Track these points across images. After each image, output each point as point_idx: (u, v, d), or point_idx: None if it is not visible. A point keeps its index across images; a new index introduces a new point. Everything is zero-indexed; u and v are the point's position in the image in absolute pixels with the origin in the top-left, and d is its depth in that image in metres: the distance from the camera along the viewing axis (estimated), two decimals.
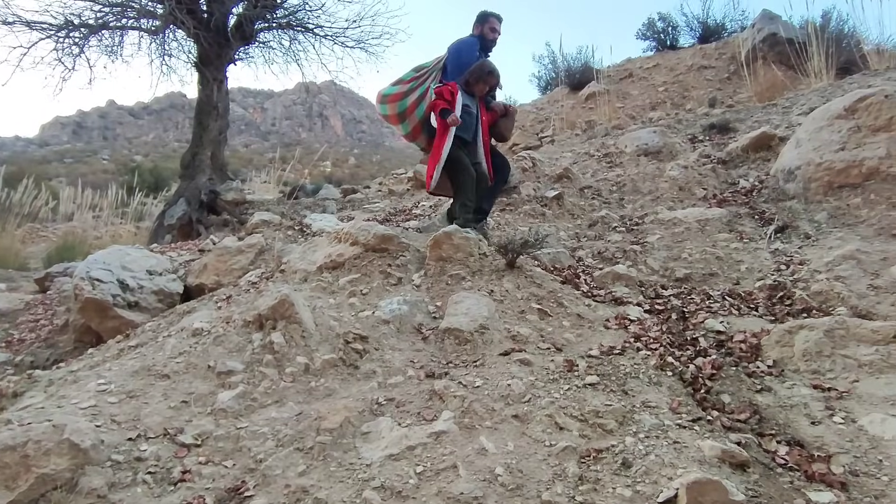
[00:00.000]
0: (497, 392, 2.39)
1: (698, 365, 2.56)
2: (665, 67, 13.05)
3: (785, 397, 2.30)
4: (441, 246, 3.51)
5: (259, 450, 2.20)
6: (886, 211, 3.76)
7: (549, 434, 2.13)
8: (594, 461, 1.97)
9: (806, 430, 2.10)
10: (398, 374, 2.66)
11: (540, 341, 2.90)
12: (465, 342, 2.85)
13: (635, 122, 9.52)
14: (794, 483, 1.85)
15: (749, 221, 4.41)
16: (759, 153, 5.41)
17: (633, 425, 2.13)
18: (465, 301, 3.09)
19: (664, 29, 14.43)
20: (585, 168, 6.04)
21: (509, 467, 1.95)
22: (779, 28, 11.21)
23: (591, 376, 2.45)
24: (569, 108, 12.21)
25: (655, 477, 1.84)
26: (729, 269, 3.88)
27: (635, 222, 4.76)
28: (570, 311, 3.16)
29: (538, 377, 2.48)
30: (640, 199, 5.15)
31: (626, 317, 3.14)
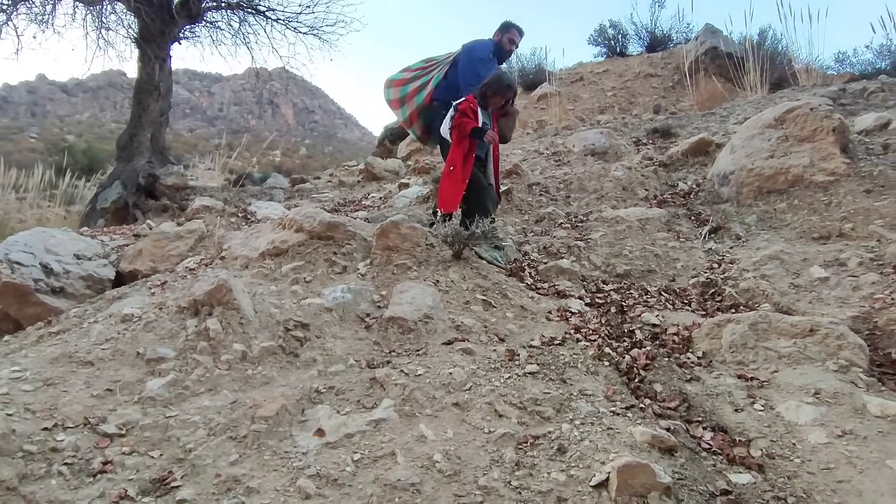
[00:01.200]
0: (438, 380, 2.39)
1: (633, 356, 2.65)
2: (614, 73, 13.45)
3: (712, 386, 2.42)
4: (388, 235, 3.48)
5: (189, 439, 2.11)
6: (808, 216, 4.02)
7: (489, 421, 2.14)
8: (531, 447, 2.00)
9: (729, 417, 2.21)
10: (339, 362, 2.62)
11: (483, 332, 2.92)
12: (408, 331, 2.83)
13: (584, 124, 9.76)
14: (717, 466, 1.94)
15: (686, 222, 4.61)
16: (697, 158, 5.66)
17: (569, 412, 2.18)
18: (411, 290, 3.08)
19: (615, 36, 14.86)
20: (535, 165, 6.14)
21: (447, 454, 1.96)
22: (720, 42, 11.76)
23: (531, 365, 2.49)
24: (521, 107, 12.37)
25: (589, 462, 1.89)
26: (666, 267, 4.03)
27: (580, 219, 4.87)
28: (515, 303, 3.21)
29: (480, 366, 2.50)
30: (586, 198, 5.28)
31: (567, 309, 3.22)
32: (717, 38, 12.07)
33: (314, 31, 9.95)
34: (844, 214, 3.79)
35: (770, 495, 1.79)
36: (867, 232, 3.60)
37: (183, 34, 9.08)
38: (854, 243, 3.54)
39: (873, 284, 3.10)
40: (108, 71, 51.76)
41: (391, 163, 9.97)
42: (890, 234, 3.51)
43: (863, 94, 6.16)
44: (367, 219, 4.75)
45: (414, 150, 12.03)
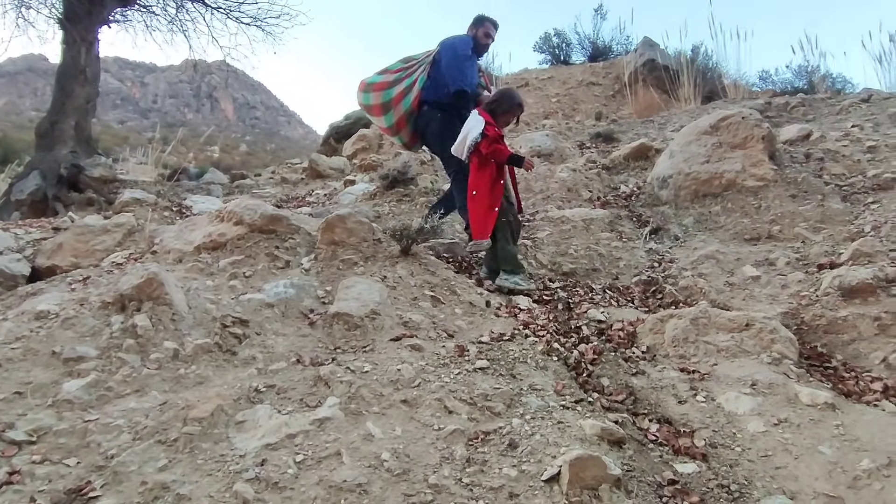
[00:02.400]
0: (386, 377, 2.31)
1: (581, 351, 2.66)
2: (558, 80, 13.77)
3: (656, 380, 2.46)
4: (334, 230, 3.36)
5: (111, 444, 1.93)
6: (740, 218, 4.22)
7: (438, 418, 2.09)
8: (482, 443, 1.96)
9: (674, 409, 2.26)
10: (281, 359, 2.49)
11: (432, 328, 2.86)
12: (354, 327, 2.73)
13: (530, 129, 9.92)
14: (664, 457, 1.97)
15: (628, 223, 4.74)
16: (638, 162, 5.85)
17: (520, 407, 2.16)
18: (357, 286, 2.98)
19: (559, 45, 15.25)
20: None
21: (396, 452, 1.88)
22: (657, 55, 12.28)
23: (481, 361, 2.45)
24: None
25: (540, 456, 1.87)
26: (610, 266, 4.12)
27: (527, 219, 4.91)
28: (463, 299, 3.17)
29: (429, 362, 2.44)
30: (532, 198, 5.34)
31: (516, 306, 3.21)
32: (655, 51, 12.58)
33: (257, 22, 9.59)
34: (773, 217, 4.00)
35: (714, 483, 1.83)
36: (793, 234, 3.82)
37: (113, 17, 8.52)
38: (782, 244, 3.75)
39: (799, 283, 3.28)
40: (28, 55, 48.02)
41: (336, 160, 9.76)
42: (813, 236, 3.73)
43: (786, 108, 6.57)
44: (311, 214, 4.60)
45: (360, 149, 11.85)
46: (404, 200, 5.23)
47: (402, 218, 4.75)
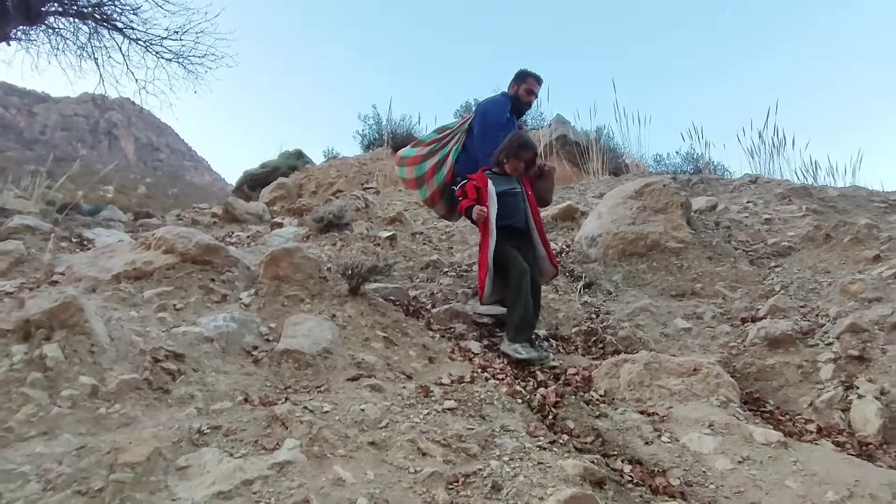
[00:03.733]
0: (350, 418, 2.11)
1: (543, 394, 2.62)
2: None
3: (620, 421, 2.47)
4: (279, 264, 3.14)
5: (15, 496, 1.55)
6: (665, 276, 4.51)
7: (412, 460, 1.92)
8: (463, 486, 1.81)
9: (642, 450, 2.25)
10: (225, 398, 2.20)
11: (387, 369, 2.70)
12: (306, 366, 2.50)
13: None
14: (644, 496, 1.94)
15: (562, 278, 4.89)
16: (565, 222, 6.15)
17: (495, 448, 2.05)
18: (306, 323, 2.76)
19: None
20: (416, 216, 6.17)
21: (373, 497, 1.68)
22: (569, 131, 13.32)
23: (448, 401, 2.32)
24: (391, 168, 12.62)
25: (527, 498, 1.76)
26: (549, 316, 4.19)
27: (464, 269, 4.93)
28: (416, 342, 3.04)
29: (393, 402, 2.27)
30: (468, 249, 5.39)
31: (469, 349, 3.13)
32: (567, 127, 13.65)
33: (180, 59, 9.24)
34: (694, 276, 4.33)
35: None
36: (713, 291, 4.14)
37: (14, 34, 7.83)
38: (705, 300, 4.03)
39: (727, 334, 3.52)
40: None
41: (255, 205, 9.31)
42: (731, 293, 4.06)
43: (688, 184, 7.31)
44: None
45: (278, 198, 11.51)
46: (339, 244, 5.06)
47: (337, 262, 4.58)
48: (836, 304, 3.44)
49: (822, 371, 2.96)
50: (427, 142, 4.08)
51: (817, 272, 3.95)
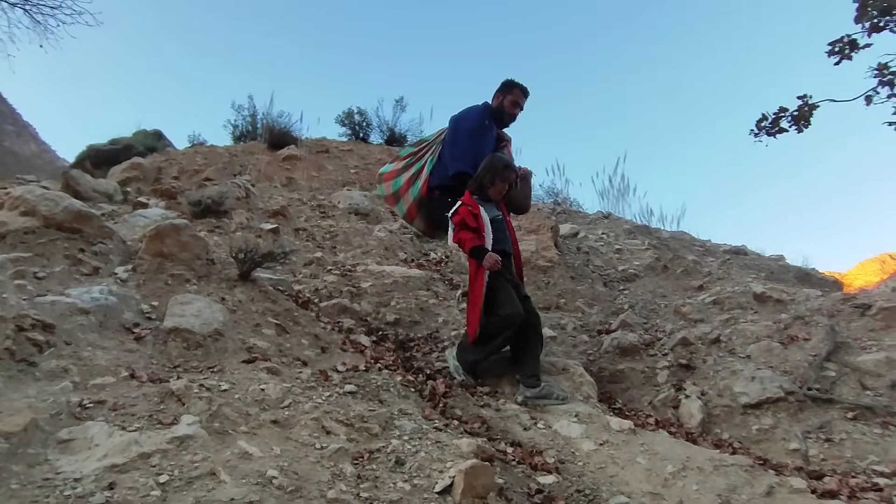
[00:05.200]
0: (250, 397, 2.06)
1: (433, 385, 2.78)
2: (357, 154, 14.40)
3: (501, 411, 2.71)
4: (164, 240, 2.93)
5: None
6: (534, 290, 4.95)
7: (317, 438, 1.94)
8: (368, 461, 1.88)
9: (521, 435, 2.50)
10: (106, 373, 2.02)
11: (280, 355, 2.66)
12: (196, 346, 2.38)
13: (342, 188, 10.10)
14: (525, 472, 2.17)
15: (441, 285, 5.14)
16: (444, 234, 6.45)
17: (395, 429, 2.14)
18: (196, 303, 2.62)
19: (360, 122, 16.07)
20: (299, 212, 6.04)
21: (283, 470, 1.69)
22: None
23: (349, 385, 2.37)
24: (266, 162, 12.10)
25: (428, 471, 1.88)
26: (429, 319, 4.38)
27: (348, 269, 4.95)
28: (308, 331, 3.02)
29: (294, 384, 2.26)
30: (352, 251, 5.41)
31: (359, 342, 3.19)
32: None
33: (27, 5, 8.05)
34: (559, 292, 4.83)
35: (571, 490, 2.09)
36: (574, 306, 4.66)
37: None
38: (568, 313, 4.53)
39: (586, 343, 4.00)
40: None
41: (105, 183, 8.29)
42: (589, 309, 4.61)
43: (553, 212, 8.08)
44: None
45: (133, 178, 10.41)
46: (217, 232, 4.78)
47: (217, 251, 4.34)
48: (671, 322, 4.10)
49: (659, 376, 3.51)
50: (403, 156, 3.90)
51: (657, 295, 4.65)
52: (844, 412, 2.95)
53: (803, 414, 3.01)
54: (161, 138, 14.71)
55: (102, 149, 13.81)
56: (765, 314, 3.98)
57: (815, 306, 3.84)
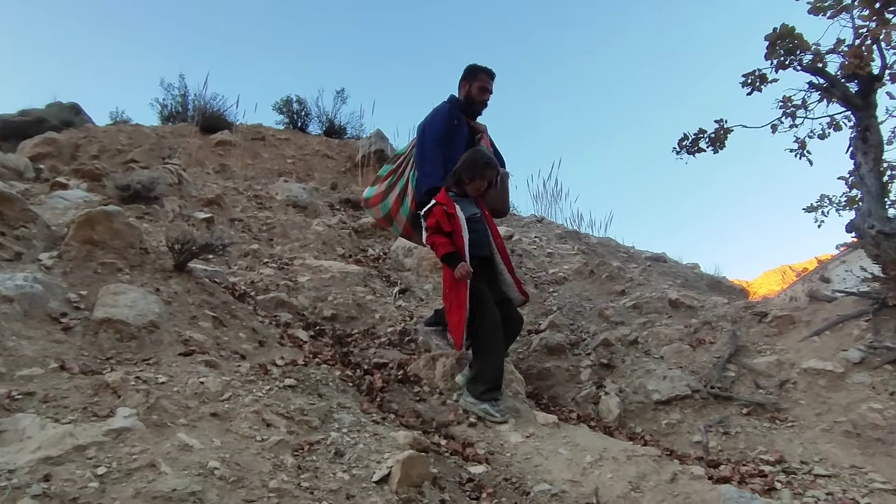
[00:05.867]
0: (189, 390, 2.06)
1: (371, 380, 2.86)
2: (295, 144, 14.09)
3: (436, 405, 2.83)
4: (94, 227, 2.82)
5: None
6: None
7: (258, 430, 1.97)
8: (308, 452, 1.94)
9: (454, 428, 2.64)
10: (34, 365, 1.95)
11: (218, 348, 2.64)
12: (129, 338, 2.33)
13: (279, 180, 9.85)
14: (457, 462, 2.30)
15: (379, 281, 5.20)
16: (383, 231, 6.50)
17: (334, 422, 2.21)
18: (129, 293, 2.55)
19: (299, 112, 15.69)
20: (235, 202, 5.90)
21: (225, 461, 1.72)
22: (387, 147, 13.87)
23: (288, 380, 2.40)
24: (197, 147, 11.61)
25: (367, 462, 1.97)
26: (366, 315, 4.44)
27: (286, 262, 4.91)
28: (246, 325, 3.01)
29: (233, 378, 2.27)
30: (290, 244, 5.37)
31: (297, 337, 3.21)
32: (385, 143, 14.19)
33: None
34: None
35: (499, 478, 2.24)
36: None
37: None
38: None
39: (516, 342, 4.20)
40: None
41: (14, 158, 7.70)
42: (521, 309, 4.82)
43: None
44: None
45: (46, 154, 9.72)
46: (146, 219, 4.60)
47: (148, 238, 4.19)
48: (595, 324, 4.38)
49: (582, 374, 3.76)
50: (384, 176, 3.76)
51: (583, 298, 4.94)
52: (740, 408, 3.30)
53: (706, 410, 3.34)
54: (79, 112, 13.72)
55: (11, 120, 12.73)
56: (678, 319, 4.35)
57: (721, 313, 4.24)
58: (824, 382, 3.18)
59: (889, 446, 2.71)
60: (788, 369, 3.42)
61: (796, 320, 3.83)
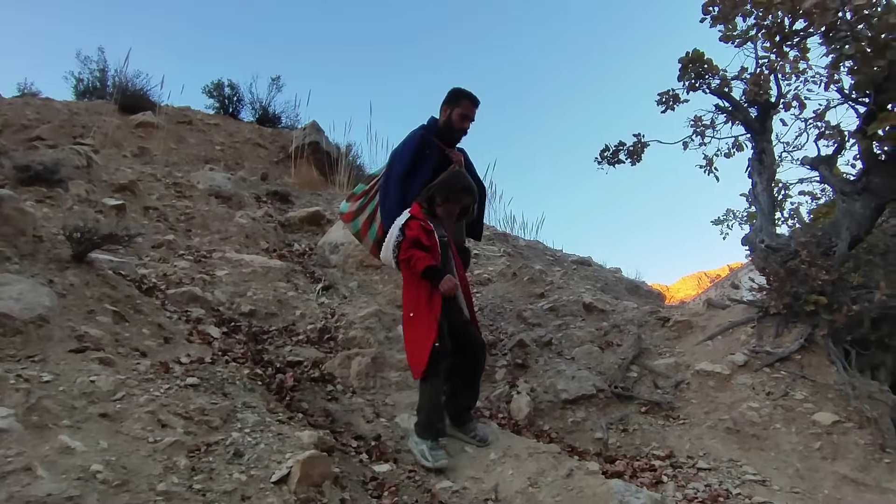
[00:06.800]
0: (77, 389, 1.96)
1: (282, 378, 2.82)
2: (225, 130, 13.52)
3: (348, 405, 2.84)
4: None
5: None
6: (393, 289, 5.15)
7: (152, 431, 1.91)
8: (205, 454, 1.90)
9: (364, 427, 2.66)
10: None
11: (117, 345, 2.52)
12: (14, 332, 2.18)
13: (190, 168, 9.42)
14: (363, 461, 2.32)
15: (302, 277, 5.11)
16: (311, 226, 6.40)
17: (237, 422, 2.17)
18: (17, 285, 2.39)
19: (230, 96, 15.05)
20: (151, 189, 5.61)
21: (110, 464, 1.65)
22: (322, 140, 13.61)
23: (191, 378, 2.33)
24: (115, 127, 10.91)
25: (267, 462, 1.96)
26: (287, 312, 4.36)
27: (203, 255, 4.73)
28: (151, 320, 2.89)
29: (129, 376, 2.18)
30: (210, 236, 5.17)
31: (208, 333, 3.11)
32: (321, 136, 13.91)
33: None
34: None
35: (403, 476, 2.29)
36: None
37: None
38: None
39: None
40: None
41: None
42: None
43: None
44: None
45: None
46: (47, 203, 4.29)
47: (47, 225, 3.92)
48: (513, 325, 4.53)
49: (497, 374, 3.88)
50: (358, 194, 3.66)
51: (504, 300, 5.09)
52: (640, 407, 3.53)
53: (609, 408, 3.54)
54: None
55: None
56: (591, 322, 4.58)
57: (630, 317, 4.50)
58: (713, 383, 3.46)
59: (762, 441, 2.99)
60: (684, 371, 3.69)
61: (694, 325, 4.13)
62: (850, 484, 2.66)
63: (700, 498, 2.50)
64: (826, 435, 2.93)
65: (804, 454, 2.85)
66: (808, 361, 3.34)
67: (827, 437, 2.92)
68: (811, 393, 3.16)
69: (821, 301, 3.34)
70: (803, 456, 2.85)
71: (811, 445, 2.89)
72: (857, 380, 3.14)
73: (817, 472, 2.75)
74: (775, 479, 2.70)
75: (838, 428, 2.95)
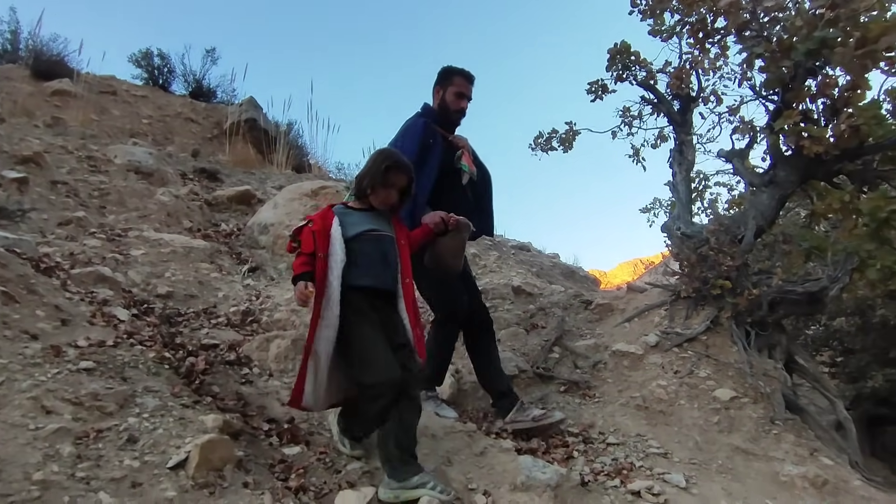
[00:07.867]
0: None
1: (192, 362, 2.71)
2: (154, 103, 12.78)
3: (263, 388, 2.77)
4: None
5: None
6: None
7: (34, 418, 1.79)
8: (94, 440, 1.80)
9: (278, 410, 2.60)
10: None
11: (3, 328, 2.34)
12: None
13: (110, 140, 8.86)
14: (273, 445, 2.28)
15: (228, 258, 4.94)
16: (240, 206, 6.17)
17: (135, 407, 2.07)
18: None
19: (160, 67, 14.21)
20: (61, 162, 5.22)
21: None
22: (259, 117, 13.12)
23: (85, 362, 2.19)
24: (27, 94, 10.09)
25: (164, 448, 1.88)
26: (208, 294, 4.20)
27: (118, 233, 4.48)
28: (47, 302, 2.69)
29: (12, 360, 2.02)
30: (126, 213, 4.89)
31: (114, 315, 2.94)
32: (258, 112, 13.41)
33: None
34: None
35: (313, 458, 2.26)
36: None
37: None
38: None
39: None
40: None
41: None
42: None
43: None
44: None
45: None
46: None
47: None
48: None
49: None
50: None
51: None
52: (559, 386, 3.64)
53: (530, 388, 3.64)
54: None
55: None
56: (518, 304, 4.67)
57: (555, 300, 4.63)
58: (627, 363, 3.62)
59: (668, 417, 3.16)
60: (602, 351, 3.84)
61: (614, 308, 4.30)
62: (742, 454, 2.86)
63: (606, 471, 2.62)
64: (724, 410, 3.13)
65: (703, 428, 3.04)
66: (713, 342, 3.55)
67: (725, 411, 3.13)
68: (714, 371, 3.37)
69: (726, 285, 3.55)
70: (703, 430, 3.03)
71: (710, 420, 3.09)
72: (754, 358, 3.37)
73: (714, 444, 2.95)
74: (676, 452, 2.87)
75: (735, 403, 3.16)
